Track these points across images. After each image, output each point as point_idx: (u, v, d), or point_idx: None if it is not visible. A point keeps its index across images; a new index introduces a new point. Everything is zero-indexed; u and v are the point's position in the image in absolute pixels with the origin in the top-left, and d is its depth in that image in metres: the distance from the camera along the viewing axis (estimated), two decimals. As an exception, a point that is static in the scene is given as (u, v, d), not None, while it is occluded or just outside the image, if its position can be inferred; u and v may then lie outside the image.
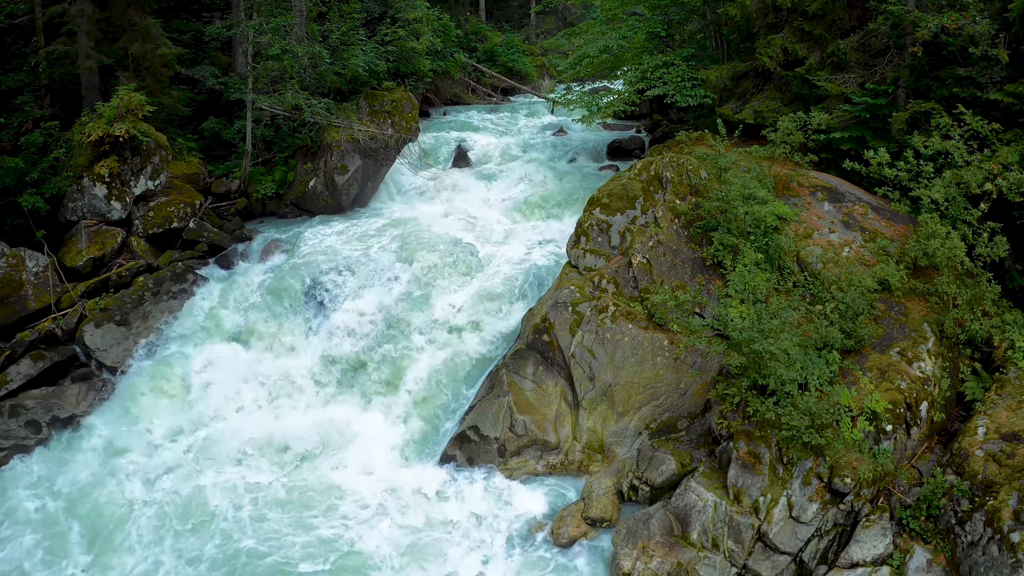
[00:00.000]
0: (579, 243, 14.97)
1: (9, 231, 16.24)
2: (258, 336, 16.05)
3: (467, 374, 14.82)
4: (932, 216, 12.91)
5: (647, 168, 15.44)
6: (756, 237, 13.41)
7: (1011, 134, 13.53)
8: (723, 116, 16.59)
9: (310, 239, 18.17)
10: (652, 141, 23.27)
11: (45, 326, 15.20)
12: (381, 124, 21.24)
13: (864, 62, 15.97)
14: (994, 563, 9.47)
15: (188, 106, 20.36)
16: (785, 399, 10.89)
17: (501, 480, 13.10)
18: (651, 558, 10.80)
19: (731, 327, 11.29)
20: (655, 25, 21.30)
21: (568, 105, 23.52)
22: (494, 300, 15.73)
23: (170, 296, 16.41)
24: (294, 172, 20.52)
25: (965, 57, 14.33)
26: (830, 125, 15.43)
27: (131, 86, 17.33)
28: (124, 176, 17.11)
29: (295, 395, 15.14)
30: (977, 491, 10.23)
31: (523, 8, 44.24)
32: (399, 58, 24.62)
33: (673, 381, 13.13)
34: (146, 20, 18.56)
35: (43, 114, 17.99)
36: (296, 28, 20.72)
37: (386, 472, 13.53)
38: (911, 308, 12.65)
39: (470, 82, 32.80)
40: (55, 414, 14.19)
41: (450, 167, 23.27)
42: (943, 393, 11.96)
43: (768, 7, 17.03)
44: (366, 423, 14.45)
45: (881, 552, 10.35)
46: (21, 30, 19.18)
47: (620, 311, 13.59)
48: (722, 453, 11.64)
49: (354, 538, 12.04)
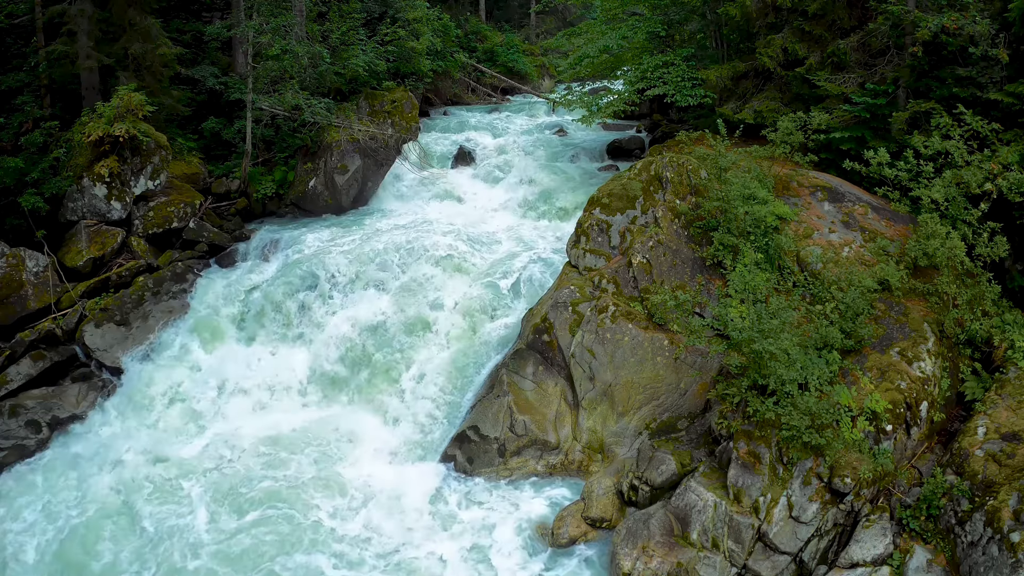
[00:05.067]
0: (579, 243, 14.97)
1: (9, 231, 16.24)
2: (257, 336, 16.06)
3: (467, 374, 14.81)
4: (932, 216, 12.90)
5: (647, 168, 15.44)
6: (756, 237, 13.41)
7: (1011, 134, 13.52)
8: (723, 116, 16.58)
9: (310, 239, 18.17)
10: (652, 141, 23.28)
11: (45, 326, 15.20)
12: (381, 124, 21.25)
13: (864, 62, 15.97)
14: (994, 563, 9.47)
15: (188, 106, 20.37)
16: (785, 399, 10.89)
17: (501, 480, 13.10)
18: (651, 558, 10.80)
19: (731, 327, 11.28)
20: (655, 25, 21.30)
21: (568, 105, 23.52)
22: (493, 300, 15.74)
23: (170, 296, 16.42)
24: (294, 172, 20.53)
25: (965, 57, 14.33)
26: (830, 125, 15.43)
27: (131, 86, 17.34)
28: (124, 176, 17.11)
29: (294, 395, 15.15)
30: (977, 491, 10.23)
31: (523, 8, 44.25)
32: (399, 58, 24.64)
33: (673, 381, 13.13)
34: (146, 20, 18.56)
35: (43, 114, 18.00)
36: (296, 28, 20.73)
37: (385, 472, 13.52)
38: (911, 308, 12.65)
39: (470, 82, 32.82)
40: (55, 414, 14.20)
41: (450, 167, 23.28)
42: (943, 393, 11.95)
43: (768, 7, 17.03)
44: (365, 423, 14.46)
45: (881, 552, 10.34)
46: (21, 30, 19.19)
47: (620, 311, 13.59)
48: (722, 453, 11.64)
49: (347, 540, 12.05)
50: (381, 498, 12.84)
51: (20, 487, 13.15)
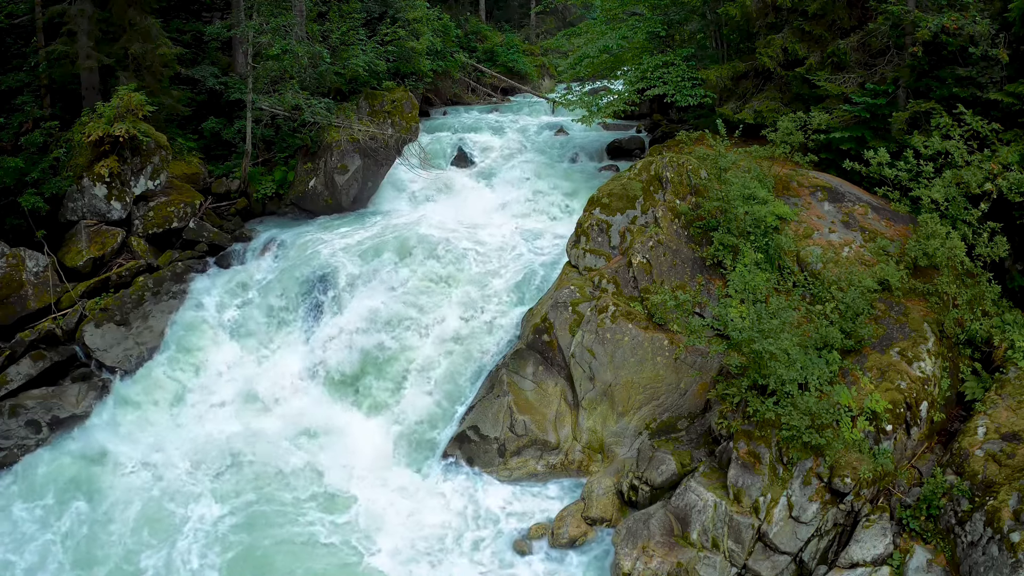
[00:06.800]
0: (579, 243, 14.97)
1: (9, 231, 16.23)
2: (257, 336, 16.05)
3: (467, 374, 14.81)
4: (932, 216, 12.90)
5: (647, 168, 15.44)
6: (756, 237, 13.41)
7: (1011, 134, 13.52)
8: (723, 116, 16.59)
9: (310, 239, 18.16)
10: (652, 141, 23.26)
11: (45, 326, 15.20)
12: (381, 124, 21.24)
13: (864, 62, 15.97)
14: (994, 563, 9.47)
15: (188, 106, 20.35)
16: (785, 399, 10.89)
17: (501, 480, 13.10)
18: (651, 558, 10.80)
19: (731, 327, 11.28)
20: (655, 25, 21.30)
21: (568, 105, 23.50)
22: (493, 300, 15.73)
23: (170, 296, 16.41)
24: (294, 172, 20.52)
25: (965, 57, 14.33)
26: (830, 125, 15.43)
27: (131, 86, 17.33)
28: (124, 176, 17.10)
29: (293, 395, 15.13)
30: (977, 491, 10.23)
31: (523, 8, 44.22)
32: (399, 58, 24.61)
33: (673, 381, 13.13)
34: (146, 20, 18.55)
35: (43, 114, 17.99)
36: (296, 28, 20.71)
37: (385, 472, 13.53)
38: (911, 308, 12.65)
39: (470, 82, 32.79)
40: (55, 414, 14.19)
41: (450, 167, 23.25)
42: (943, 393, 11.95)
43: (768, 7, 17.03)
44: (364, 423, 14.46)
45: (881, 552, 10.34)
46: (21, 30, 19.17)
47: (620, 311, 13.59)
48: (722, 453, 11.64)
49: (353, 540, 12.05)
50: (379, 498, 12.86)
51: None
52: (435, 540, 12.08)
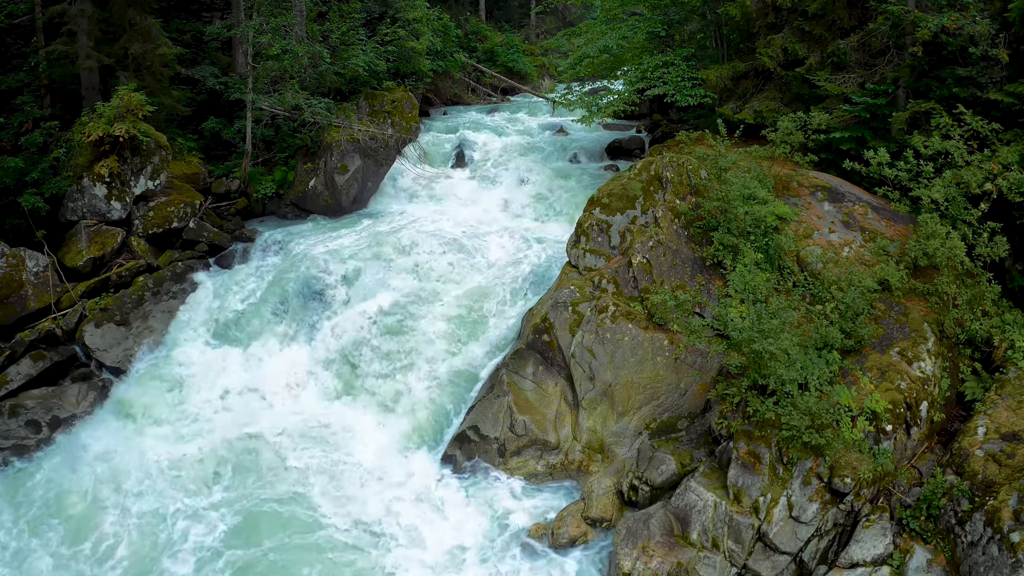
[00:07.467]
0: (579, 243, 14.98)
1: (9, 231, 16.24)
2: (257, 335, 16.05)
3: (467, 374, 14.81)
4: (932, 216, 12.90)
5: (647, 168, 15.44)
6: (756, 237, 13.41)
7: (1011, 134, 13.52)
8: (723, 116, 16.58)
9: (309, 239, 18.18)
10: (652, 141, 23.26)
11: (45, 326, 15.20)
12: (381, 124, 21.25)
13: (864, 62, 15.97)
14: (994, 563, 9.47)
15: (188, 106, 20.37)
16: (785, 399, 10.89)
17: (501, 480, 13.10)
18: (651, 558, 10.80)
19: (731, 327, 11.28)
20: (655, 25, 21.29)
21: (568, 105, 23.48)
22: (493, 300, 15.74)
23: (170, 296, 16.42)
24: (294, 172, 20.53)
25: (965, 57, 14.33)
26: (830, 125, 15.43)
27: (131, 86, 17.34)
28: (124, 176, 17.11)
29: (293, 395, 15.14)
30: (977, 491, 10.23)
31: (523, 8, 44.22)
32: (399, 58, 24.62)
33: (673, 381, 13.13)
34: (146, 20, 18.56)
35: (43, 114, 18.00)
36: (296, 28, 20.73)
37: (385, 472, 13.53)
38: (911, 308, 12.65)
39: (470, 82, 32.79)
40: (55, 414, 14.20)
41: (450, 167, 23.25)
42: (943, 393, 11.95)
43: (768, 7, 17.02)
44: (364, 423, 14.45)
45: (881, 552, 10.34)
46: (21, 30, 19.19)
47: (620, 311, 13.59)
48: (722, 453, 11.64)
49: (352, 540, 12.05)
50: (380, 499, 12.85)
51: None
52: (435, 540, 12.07)
